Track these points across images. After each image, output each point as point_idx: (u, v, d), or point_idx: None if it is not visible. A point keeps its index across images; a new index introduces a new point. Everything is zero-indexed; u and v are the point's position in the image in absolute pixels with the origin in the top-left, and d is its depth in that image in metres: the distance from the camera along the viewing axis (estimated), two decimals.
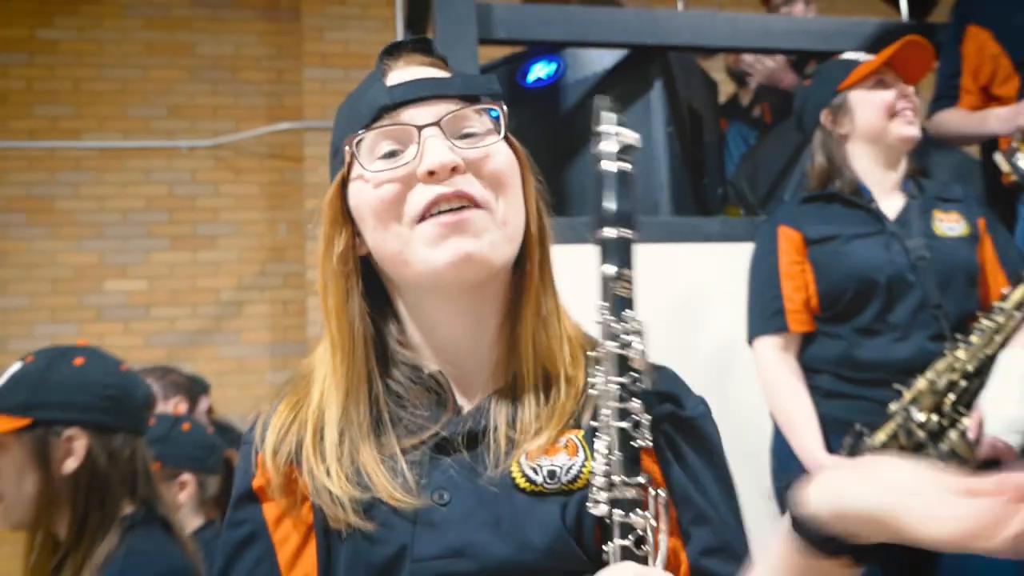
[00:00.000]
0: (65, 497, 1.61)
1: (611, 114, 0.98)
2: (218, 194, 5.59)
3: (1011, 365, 2.07)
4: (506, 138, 1.02)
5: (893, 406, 2.09)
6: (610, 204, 0.95)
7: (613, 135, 0.97)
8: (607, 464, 0.90)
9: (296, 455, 0.97)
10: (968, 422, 2.05)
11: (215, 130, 5.59)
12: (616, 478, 0.89)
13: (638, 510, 0.88)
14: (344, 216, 1.02)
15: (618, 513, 0.88)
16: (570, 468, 0.95)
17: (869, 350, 2.16)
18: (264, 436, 1.00)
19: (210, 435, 2.62)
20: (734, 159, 3.64)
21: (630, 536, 0.88)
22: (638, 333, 0.93)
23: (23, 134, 5.41)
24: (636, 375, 0.92)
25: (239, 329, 5.51)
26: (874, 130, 2.27)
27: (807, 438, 2.16)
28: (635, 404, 0.91)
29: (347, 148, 0.99)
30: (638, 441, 0.90)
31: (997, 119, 2.67)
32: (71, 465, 1.62)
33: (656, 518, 0.89)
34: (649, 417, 0.92)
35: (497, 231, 0.97)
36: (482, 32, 2.68)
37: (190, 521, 2.46)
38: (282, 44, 5.70)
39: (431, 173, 0.94)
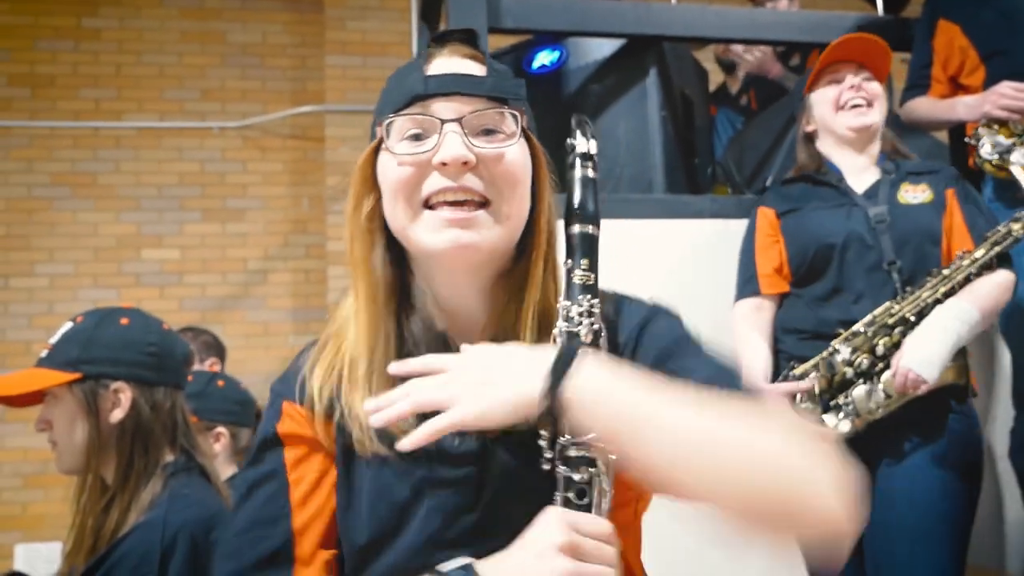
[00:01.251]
0: (112, 444, 1.63)
1: (579, 129, 1.03)
2: (246, 171, 5.57)
3: (942, 309, 2.09)
4: (525, 136, 1.03)
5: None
6: (576, 203, 1.00)
7: (579, 146, 1.02)
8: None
9: (336, 392, 1.00)
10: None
11: (244, 112, 5.56)
12: (562, 438, 0.89)
13: (581, 467, 0.88)
14: (373, 180, 1.04)
15: (562, 469, 0.89)
16: None
17: (829, 310, 2.19)
18: (298, 386, 1.03)
19: (243, 390, 2.62)
20: (722, 142, 3.62)
21: (572, 490, 0.88)
22: (591, 315, 0.95)
23: (69, 114, 5.39)
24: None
25: (264, 295, 5.50)
26: (826, 123, 2.35)
27: (751, 368, 2.20)
28: None
29: (379, 128, 1.02)
30: None
31: (964, 107, 2.66)
32: (118, 415, 1.64)
33: (602, 473, 0.89)
34: None
35: (497, 227, 0.99)
36: (491, 21, 2.66)
37: (224, 470, 2.47)
38: (306, 33, 5.67)
39: (444, 164, 0.97)
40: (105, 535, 1.58)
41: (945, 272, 2.13)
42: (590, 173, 1.02)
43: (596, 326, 0.95)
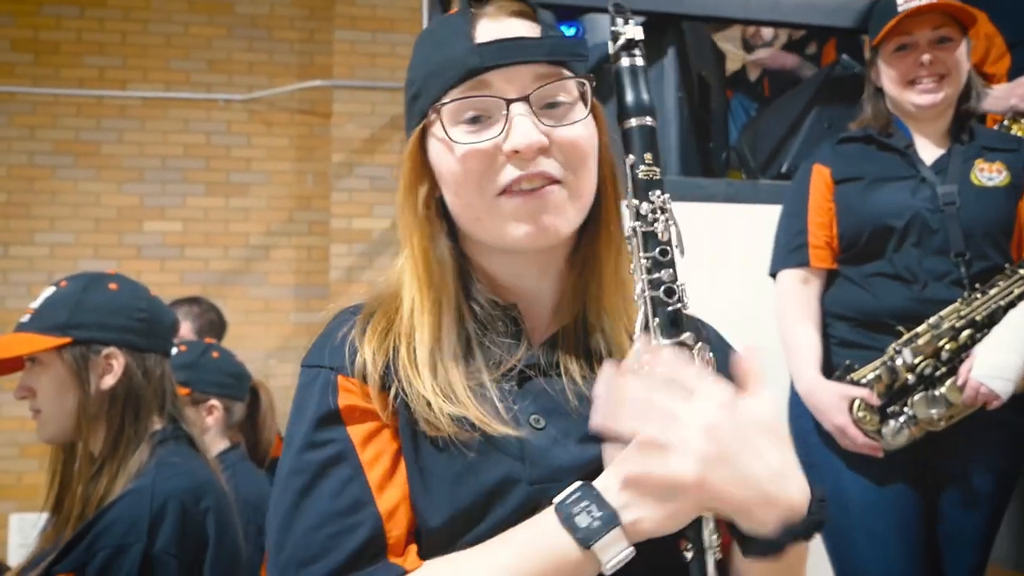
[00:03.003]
0: (103, 411, 1.60)
1: (619, 16, 0.94)
2: (251, 145, 5.50)
3: (1017, 313, 1.96)
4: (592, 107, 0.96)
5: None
6: (628, 97, 0.92)
7: (622, 35, 0.93)
8: (647, 332, 0.86)
9: (394, 365, 0.91)
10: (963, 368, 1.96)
11: (250, 85, 5.49)
12: (657, 341, 0.84)
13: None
14: (424, 168, 0.96)
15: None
16: None
17: (884, 297, 2.03)
18: (349, 358, 0.92)
19: (238, 363, 2.56)
20: (736, 127, 3.56)
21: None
22: (663, 211, 0.89)
23: (73, 82, 5.33)
24: (665, 249, 0.88)
25: (266, 271, 5.45)
26: (893, 96, 2.13)
27: (803, 360, 2.07)
28: (665, 274, 0.87)
29: (433, 115, 0.92)
30: (672, 306, 0.85)
31: (991, 97, 2.57)
32: (109, 381, 1.61)
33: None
34: (682, 283, 0.87)
35: (572, 205, 0.92)
36: None
37: (216, 444, 2.42)
38: (314, 5, 5.59)
39: (516, 152, 0.89)
40: (93, 503, 1.54)
41: (1021, 271, 1.98)
42: (638, 61, 0.93)
43: (671, 224, 0.89)
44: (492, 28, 0.92)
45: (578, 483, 0.81)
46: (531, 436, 0.88)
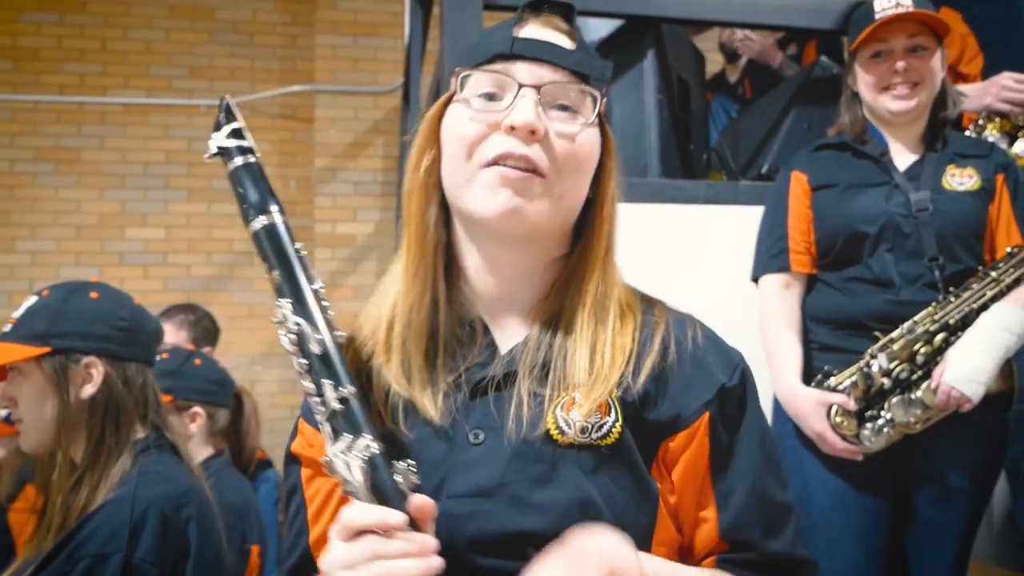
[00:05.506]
0: (83, 420, 1.59)
1: (226, 114, 1.00)
2: None
3: (989, 316, 1.98)
4: (600, 121, 1.00)
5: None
6: (250, 196, 0.97)
7: (226, 134, 0.99)
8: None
9: (368, 364, 0.99)
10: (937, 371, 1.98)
11: (232, 90, 5.45)
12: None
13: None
14: (437, 134, 1.01)
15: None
16: (601, 426, 0.91)
17: (862, 300, 2.06)
18: (306, 403, 1.01)
19: (221, 369, 2.56)
20: (718, 129, 3.58)
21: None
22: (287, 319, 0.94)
23: (54, 88, 5.30)
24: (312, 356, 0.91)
25: (250, 277, 5.43)
26: (868, 101, 2.17)
27: (786, 367, 2.09)
28: (324, 384, 0.89)
29: (453, 78, 0.99)
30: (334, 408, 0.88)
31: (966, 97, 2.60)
32: (89, 391, 1.60)
33: None
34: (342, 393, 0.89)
35: (549, 202, 0.95)
36: None
37: (200, 451, 2.41)
38: (296, 11, 5.58)
39: (512, 128, 0.93)
40: (74, 513, 1.53)
41: (992, 274, 2.01)
42: (251, 159, 1.01)
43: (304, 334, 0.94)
44: (533, 31, 0.99)
45: None
46: (464, 450, 0.92)
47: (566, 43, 0.99)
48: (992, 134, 2.48)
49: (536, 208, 0.94)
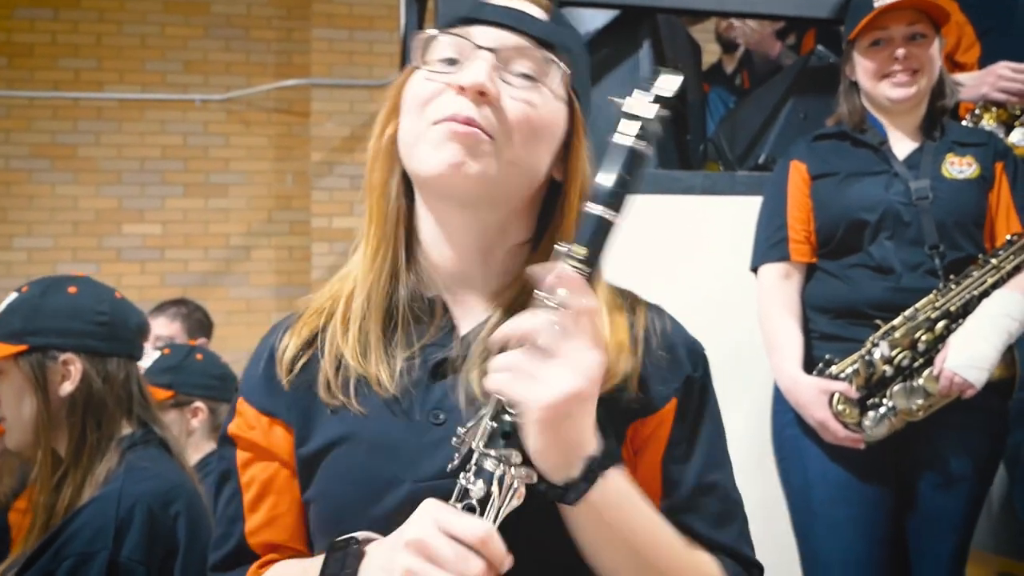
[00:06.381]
0: (63, 418, 1.56)
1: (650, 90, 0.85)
2: (229, 145, 5.49)
3: (990, 303, 1.99)
4: (570, 97, 0.96)
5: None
6: (605, 181, 0.83)
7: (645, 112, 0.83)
8: (478, 432, 0.82)
9: (321, 333, 0.96)
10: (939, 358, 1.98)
11: (227, 85, 5.47)
12: (476, 444, 0.81)
13: (481, 481, 0.80)
14: (399, 103, 0.97)
15: (465, 476, 0.81)
16: None
17: (862, 288, 2.06)
18: (249, 377, 1.00)
19: (222, 364, 2.56)
20: (714, 120, 3.58)
21: (467, 499, 0.80)
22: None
23: (48, 85, 5.29)
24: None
25: (247, 272, 5.44)
26: (867, 90, 2.17)
27: (786, 356, 2.08)
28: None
29: (415, 45, 0.95)
30: (510, 418, 0.81)
31: (963, 87, 2.61)
32: (67, 388, 1.56)
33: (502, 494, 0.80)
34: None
35: (496, 162, 0.89)
36: None
37: (202, 446, 2.42)
38: (291, 4, 5.56)
39: (461, 88, 0.89)
40: (59, 512, 1.51)
41: (993, 261, 2.02)
42: (643, 148, 0.88)
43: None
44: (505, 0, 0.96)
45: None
46: (427, 431, 0.89)
47: (538, 13, 0.95)
48: (988, 123, 2.48)
49: (481, 166, 0.89)
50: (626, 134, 0.83)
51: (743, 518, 0.97)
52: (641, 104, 0.83)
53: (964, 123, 2.51)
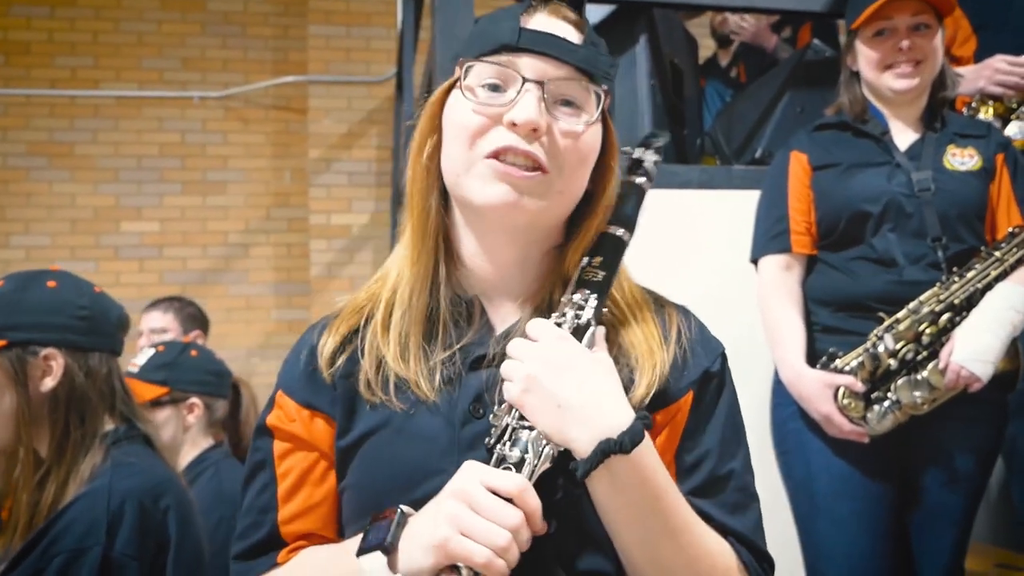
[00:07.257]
0: (45, 415, 1.53)
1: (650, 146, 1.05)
2: (227, 142, 5.47)
3: (994, 296, 1.98)
4: (603, 117, 1.00)
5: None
6: (625, 208, 1.02)
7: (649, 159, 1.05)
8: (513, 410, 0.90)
9: (362, 332, 1.00)
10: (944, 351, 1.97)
11: (225, 82, 5.45)
12: (510, 419, 0.90)
13: (517, 449, 0.88)
14: (439, 120, 1.01)
15: (501, 447, 0.89)
16: None
17: (865, 281, 2.05)
18: (290, 370, 1.04)
19: (218, 361, 2.56)
20: (711, 114, 3.58)
21: (504, 464, 0.88)
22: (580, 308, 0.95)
23: (45, 82, 5.27)
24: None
25: (246, 269, 5.43)
26: (869, 80, 2.15)
27: (789, 348, 2.07)
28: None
29: (458, 68, 0.98)
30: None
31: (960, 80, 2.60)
32: (49, 384, 1.53)
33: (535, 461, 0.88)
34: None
35: (546, 200, 0.96)
36: None
37: (199, 442, 2.41)
38: (289, 1, 5.54)
39: (514, 124, 0.93)
40: (42, 510, 1.47)
41: (996, 254, 2.00)
42: (645, 185, 1.04)
43: (583, 320, 0.94)
44: (541, 22, 0.98)
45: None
46: (465, 423, 0.94)
47: (573, 35, 0.98)
48: (985, 117, 2.48)
49: (535, 203, 0.95)
50: (637, 175, 1.04)
51: (758, 512, 1.01)
52: (646, 154, 1.04)
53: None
